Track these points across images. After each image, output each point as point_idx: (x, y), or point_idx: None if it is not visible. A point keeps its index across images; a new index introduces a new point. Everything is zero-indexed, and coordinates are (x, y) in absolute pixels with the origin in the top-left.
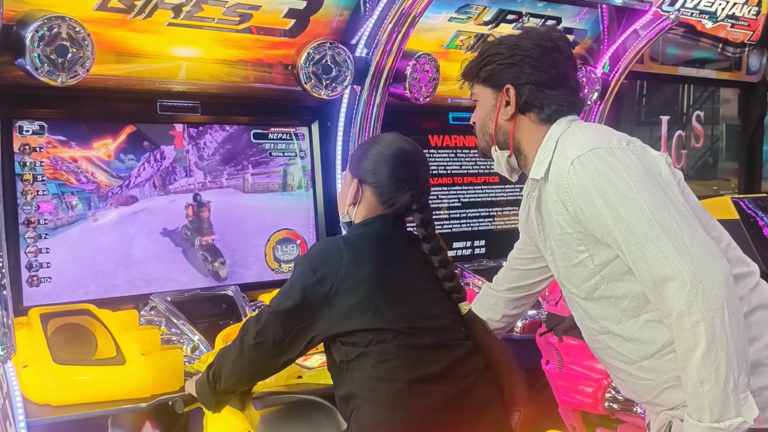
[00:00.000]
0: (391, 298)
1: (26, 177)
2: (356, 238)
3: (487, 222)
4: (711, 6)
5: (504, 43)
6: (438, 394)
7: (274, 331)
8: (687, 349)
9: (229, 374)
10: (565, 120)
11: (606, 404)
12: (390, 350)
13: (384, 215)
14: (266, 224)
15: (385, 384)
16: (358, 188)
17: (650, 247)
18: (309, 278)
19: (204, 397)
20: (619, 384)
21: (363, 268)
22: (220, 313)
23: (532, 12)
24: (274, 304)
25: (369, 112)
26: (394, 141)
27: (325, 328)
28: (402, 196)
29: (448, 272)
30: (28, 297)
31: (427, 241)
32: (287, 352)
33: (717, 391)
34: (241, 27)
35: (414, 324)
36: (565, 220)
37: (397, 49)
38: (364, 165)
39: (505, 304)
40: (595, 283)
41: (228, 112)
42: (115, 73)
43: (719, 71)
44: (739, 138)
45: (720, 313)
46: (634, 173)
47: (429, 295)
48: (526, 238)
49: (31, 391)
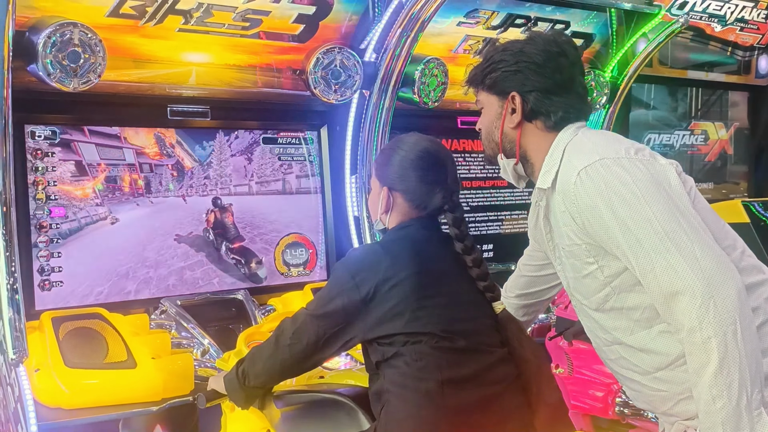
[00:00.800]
0: (428, 302)
1: (38, 181)
2: (393, 242)
3: (496, 226)
4: (720, 9)
5: (508, 50)
6: (467, 397)
7: (310, 333)
8: (699, 365)
9: (260, 371)
10: (573, 127)
11: (616, 409)
12: (424, 351)
13: (419, 218)
14: (275, 228)
15: (417, 382)
16: (388, 196)
17: (659, 260)
18: (347, 283)
19: (233, 393)
20: (633, 395)
21: (400, 272)
22: (230, 316)
23: (540, 16)
24: (312, 307)
25: (378, 117)
26: (417, 143)
27: (361, 332)
28: (434, 197)
29: (481, 271)
30: (40, 301)
31: (460, 240)
32: (320, 353)
33: (730, 408)
34: (250, 32)
35: (449, 327)
36: (574, 232)
37: (405, 53)
38: (390, 172)
39: (515, 311)
40: (605, 295)
41: (237, 117)
42: (126, 79)
43: (728, 74)
44: (748, 141)
45: (732, 329)
46: (643, 184)
47: (465, 297)
48: (535, 244)
49: (42, 394)
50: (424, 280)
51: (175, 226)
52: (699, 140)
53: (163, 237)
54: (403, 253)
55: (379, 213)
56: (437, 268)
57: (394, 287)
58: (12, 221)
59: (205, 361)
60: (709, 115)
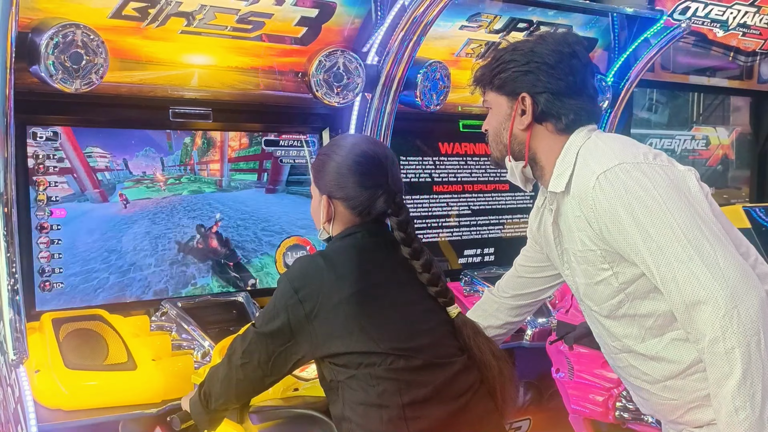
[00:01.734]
0: (377, 319)
1: (39, 182)
2: (336, 253)
3: (497, 230)
4: (722, 15)
5: (519, 49)
6: (433, 417)
7: (259, 351)
8: (721, 376)
9: (218, 393)
10: (585, 129)
11: (617, 413)
12: (380, 374)
13: (364, 224)
14: (276, 230)
15: (378, 410)
16: (329, 204)
17: (682, 268)
18: (290, 299)
19: (197, 416)
20: (641, 402)
21: (344, 288)
22: (231, 319)
23: (542, 20)
24: (258, 324)
25: (380, 120)
26: (354, 146)
27: (309, 350)
28: (376, 202)
29: (432, 276)
30: (41, 302)
31: (407, 245)
32: (273, 373)
33: (753, 419)
34: (253, 35)
35: (403, 345)
36: (589, 237)
37: (408, 56)
38: (327, 179)
39: (508, 311)
40: (618, 302)
41: (239, 119)
42: (128, 80)
43: (730, 80)
44: (750, 146)
45: (756, 339)
46: (664, 190)
47: (418, 307)
48: (536, 246)
49: (42, 395)
50: (372, 295)
51: (177, 227)
52: (700, 145)
53: (165, 239)
54: (348, 266)
55: (322, 222)
56: (385, 280)
57: (339, 304)
58: (13, 222)
59: (205, 363)
60: (711, 120)
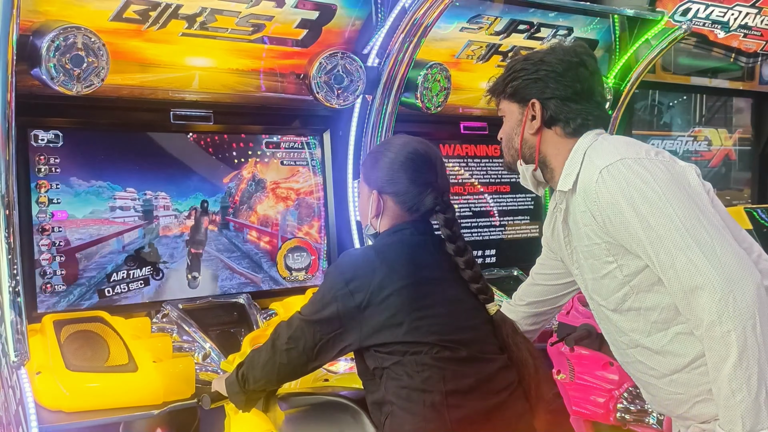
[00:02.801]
0: (426, 312)
1: (41, 185)
2: (388, 248)
3: (498, 231)
4: (723, 16)
5: (530, 59)
6: (472, 408)
7: (305, 338)
8: (718, 359)
9: (258, 376)
10: (592, 133)
11: (618, 415)
12: (425, 361)
13: (413, 221)
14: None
15: (422, 394)
16: (378, 199)
17: (680, 256)
18: (341, 290)
19: (234, 396)
20: (649, 399)
21: (396, 281)
22: (232, 321)
23: (543, 22)
24: (306, 312)
25: (380, 122)
26: (406, 144)
27: (357, 340)
28: (425, 199)
29: (474, 273)
30: (42, 304)
31: (452, 242)
32: (317, 359)
33: (749, 401)
34: (254, 37)
35: (449, 337)
36: (593, 231)
37: (408, 58)
38: (379, 175)
39: (525, 319)
40: (624, 294)
41: (240, 122)
42: (129, 83)
43: (732, 81)
44: (752, 148)
45: (752, 323)
46: (664, 183)
47: (464, 305)
48: (550, 253)
49: (43, 397)
50: (422, 290)
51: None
52: (702, 146)
53: (166, 240)
54: (399, 260)
55: (370, 217)
56: (434, 276)
57: (390, 296)
58: (14, 224)
59: (207, 365)
60: (713, 122)
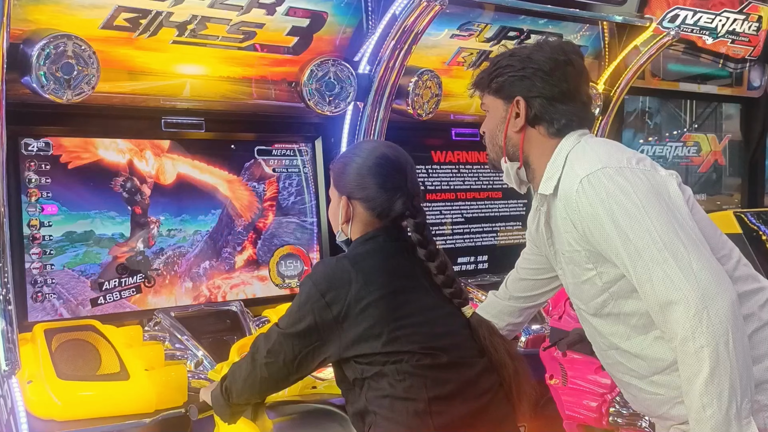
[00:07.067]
0: (404, 321)
1: (32, 193)
2: (362, 257)
3: (491, 237)
4: (711, 22)
5: (516, 55)
6: (456, 413)
7: (284, 352)
8: (691, 373)
9: (240, 390)
10: (576, 134)
11: (610, 419)
12: (407, 370)
13: (384, 227)
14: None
15: (405, 402)
16: (348, 205)
17: (657, 270)
18: (317, 302)
19: (219, 409)
20: (630, 399)
21: (373, 291)
22: (224, 328)
23: (533, 29)
24: (283, 325)
25: (372, 128)
26: (375, 149)
27: (336, 351)
28: (395, 204)
29: (447, 277)
30: (33, 312)
31: (423, 246)
32: (298, 371)
33: (719, 416)
34: (245, 45)
35: (429, 344)
36: (574, 238)
37: (399, 65)
38: (348, 180)
39: (510, 312)
40: (603, 300)
41: (232, 129)
42: (120, 91)
43: (721, 87)
44: (742, 153)
45: (724, 339)
46: (643, 194)
47: (441, 310)
48: (534, 248)
49: (35, 406)
50: (399, 299)
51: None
52: (692, 152)
53: (159, 247)
54: (374, 270)
55: (340, 223)
56: (409, 284)
57: (368, 307)
58: (5, 232)
59: (199, 372)
60: (703, 127)
